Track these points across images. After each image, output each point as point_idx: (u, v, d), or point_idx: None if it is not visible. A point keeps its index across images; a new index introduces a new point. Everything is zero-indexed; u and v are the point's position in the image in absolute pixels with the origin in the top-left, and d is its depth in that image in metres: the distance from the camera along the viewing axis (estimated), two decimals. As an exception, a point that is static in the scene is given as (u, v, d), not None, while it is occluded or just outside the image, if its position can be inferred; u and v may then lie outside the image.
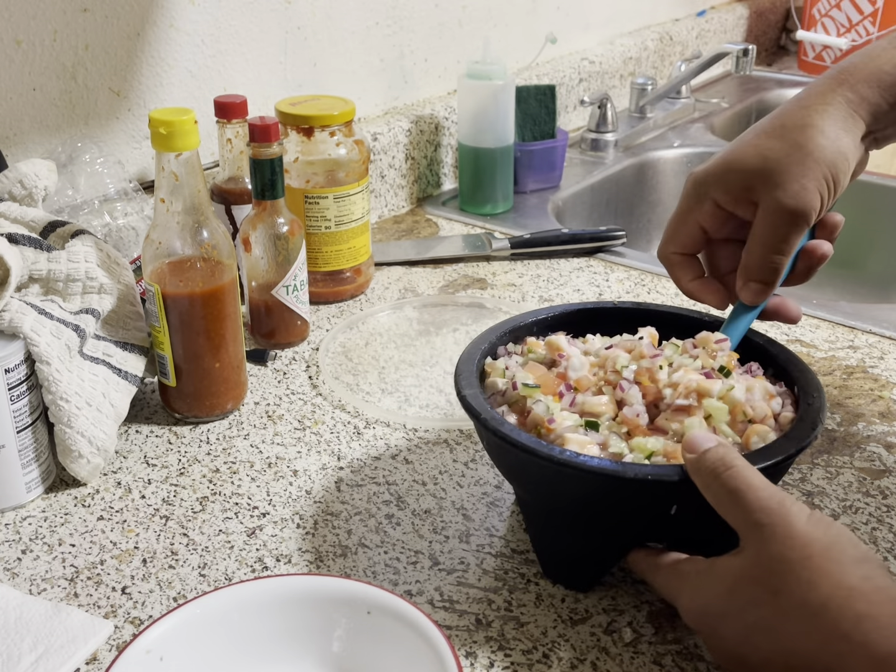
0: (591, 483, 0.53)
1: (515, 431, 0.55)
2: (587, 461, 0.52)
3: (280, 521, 0.66)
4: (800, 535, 0.47)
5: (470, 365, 0.62)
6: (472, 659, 0.54)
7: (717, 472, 0.49)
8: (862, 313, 0.93)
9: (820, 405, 0.57)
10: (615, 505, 0.54)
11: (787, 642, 0.46)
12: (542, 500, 0.58)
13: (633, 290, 0.99)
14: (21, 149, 0.87)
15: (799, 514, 0.47)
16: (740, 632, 0.48)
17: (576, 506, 0.56)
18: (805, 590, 0.45)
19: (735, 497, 0.49)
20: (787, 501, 0.48)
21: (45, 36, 0.86)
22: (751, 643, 0.48)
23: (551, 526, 0.59)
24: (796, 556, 0.46)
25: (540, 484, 0.57)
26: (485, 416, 0.57)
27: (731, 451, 0.51)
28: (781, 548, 0.47)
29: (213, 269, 0.72)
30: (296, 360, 0.86)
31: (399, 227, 1.15)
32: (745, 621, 0.48)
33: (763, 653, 0.47)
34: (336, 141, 0.93)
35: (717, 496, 0.50)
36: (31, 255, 0.69)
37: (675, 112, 1.51)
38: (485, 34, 1.30)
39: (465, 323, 0.93)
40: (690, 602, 0.51)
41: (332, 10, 1.10)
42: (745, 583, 0.48)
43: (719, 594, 0.49)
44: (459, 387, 0.60)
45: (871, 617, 0.44)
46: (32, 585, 0.60)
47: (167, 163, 0.69)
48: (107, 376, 0.71)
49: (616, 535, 0.57)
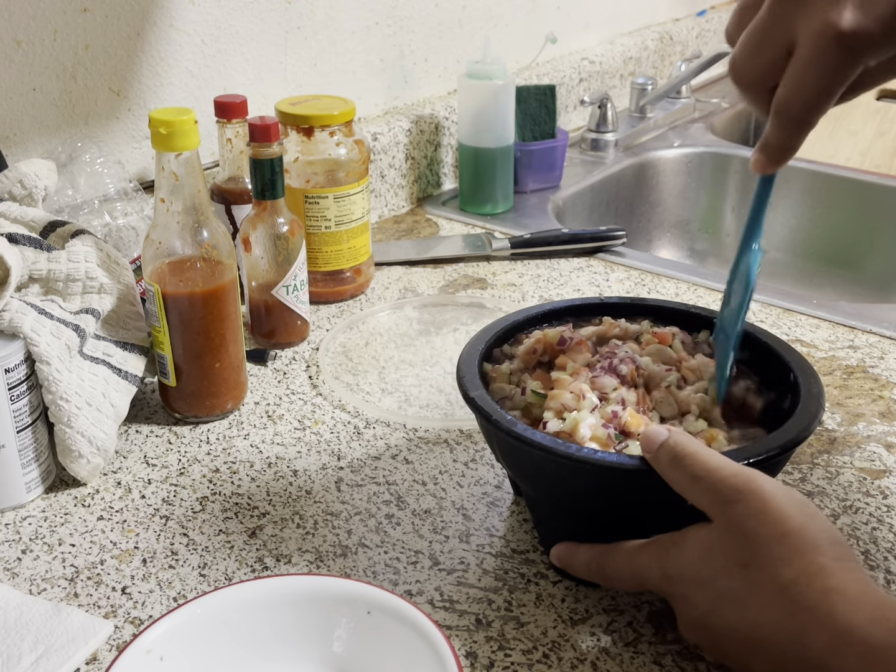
0: (610, 478, 0.54)
1: (529, 431, 0.55)
2: (605, 457, 0.53)
3: (280, 521, 0.66)
4: (774, 511, 0.48)
5: (471, 367, 0.62)
6: (472, 659, 0.54)
7: (675, 463, 0.51)
8: (862, 313, 0.93)
9: (819, 391, 0.59)
10: (635, 499, 0.55)
11: (754, 613, 0.47)
12: (558, 499, 0.58)
13: (634, 289, 0.99)
14: (21, 149, 0.87)
15: (773, 490, 0.49)
16: (711, 599, 0.49)
17: (593, 502, 0.57)
18: (777, 565, 0.47)
19: (699, 482, 0.50)
20: (756, 477, 0.49)
21: (45, 36, 0.86)
22: (719, 612, 0.49)
23: (566, 524, 0.59)
24: (770, 531, 0.47)
25: (556, 482, 0.57)
26: (496, 418, 0.57)
27: (684, 438, 0.52)
28: (755, 523, 0.48)
29: (213, 269, 0.72)
30: (296, 360, 0.86)
31: (399, 226, 1.15)
32: (715, 590, 0.49)
33: (730, 622, 0.48)
34: (336, 141, 0.93)
35: (681, 485, 0.51)
36: (31, 254, 0.69)
37: (676, 112, 1.51)
38: (485, 34, 1.30)
39: (465, 323, 0.93)
40: (667, 568, 0.51)
41: (332, 10, 1.10)
42: (716, 553, 0.49)
43: (691, 562, 0.50)
44: (465, 389, 0.60)
45: (838, 591, 0.45)
46: (32, 585, 0.60)
47: (167, 163, 0.69)
48: (107, 376, 0.71)
49: (633, 529, 0.57)
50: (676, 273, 1.03)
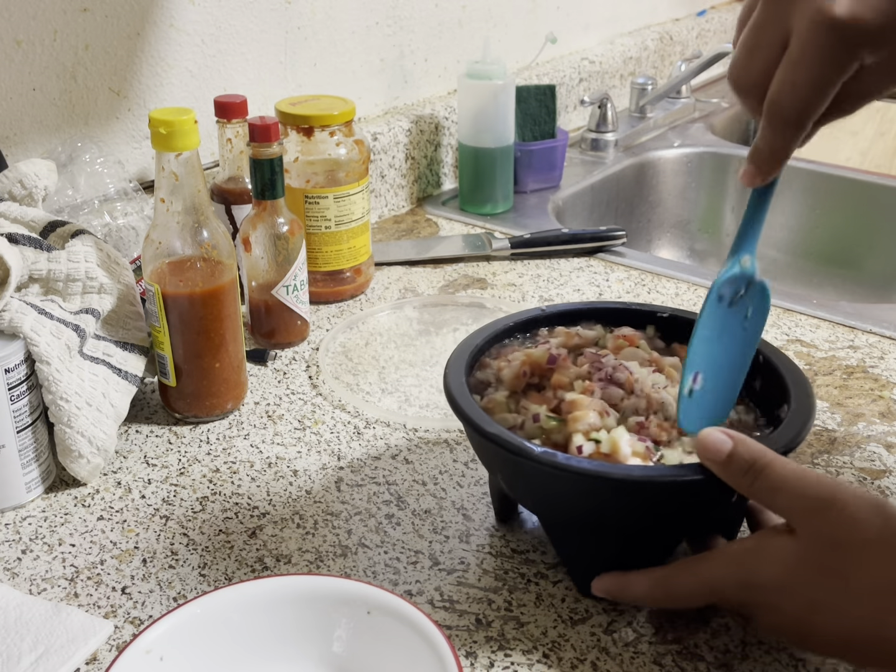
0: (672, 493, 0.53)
1: (574, 459, 0.53)
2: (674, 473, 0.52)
3: (280, 521, 0.66)
4: (854, 517, 0.47)
5: (466, 400, 0.58)
6: (472, 659, 0.54)
7: (754, 473, 0.49)
8: (862, 313, 0.93)
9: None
10: (684, 511, 0.55)
11: (853, 618, 0.46)
12: (601, 524, 0.56)
13: (633, 289, 0.99)
14: (21, 149, 0.87)
15: (859, 497, 0.47)
16: (802, 606, 0.48)
17: (644, 520, 0.55)
18: (873, 568, 0.46)
19: (779, 492, 0.49)
20: (840, 485, 0.48)
21: (45, 36, 0.86)
22: (812, 618, 0.48)
23: (606, 550, 0.57)
24: (861, 537, 0.46)
25: (607, 507, 0.54)
26: (529, 451, 0.53)
27: (753, 445, 0.50)
28: (845, 531, 0.47)
29: (213, 269, 0.72)
30: (296, 360, 0.86)
31: (399, 226, 1.15)
32: (806, 597, 0.48)
33: (826, 627, 0.48)
34: (336, 141, 0.93)
35: (760, 495, 0.50)
36: (31, 254, 0.69)
37: (676, 112, 1.51)
38: (485, 34, 1.30)
39: (465, 323, 0.93)
40: (746, 577, 0.50)
41: (332, 10, 1.10)
42: (805, 562, 0.48)
43: (776, 571, 0.49)
44: (479, 425, 0.56)
45: None
46: (32, 585, 0.60)
47: (167, 163, 0.69)
48: (107, 376, 0.71)
49: (673, 540, 0.57)
50: (676, 273, 1.03)
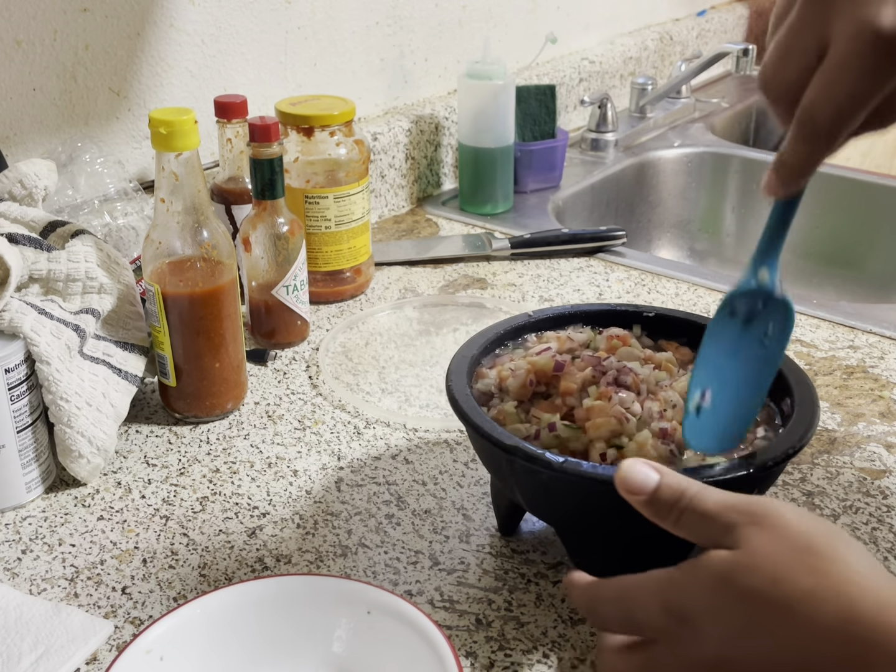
0: None
1: (610, 469, 0.51)
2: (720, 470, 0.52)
3: (280, 521, 0.66)
4: (796, 526, 0.43)
5: (477, 415, 0.57)
6: (472, 659, 0.54)
7: (680, 507, 0.46)
8: (862, 313, 0.93)
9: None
10: None
11: (791, 632, 0.42)
12: (626, 531, 0.55)
13: (633, 289, 0.99)
14: (21, 149, 0.87)
15: (789, 510, 0.44)
16: (727, 631, 0.43)
17: None
18: (814, 576, 0.42)
19: (710, 519, 0.45)
20: (767, 501, 0.45)
21: (45, 36, 0.86)
22: (736, 643, 0.42)
23: (616, 548, 0.56)
24: (800, 544, 0.43)
25: (607, 509, 0.53)
26: (562, 464, 0.52)
27: (679, 479, 0.46)
28: (781, 538, 0.43)
29: (213, 269, 0.72)
30: (296, 360, 0.86)
31: (399, 226, 1.15)
32: (735, 618, 0.42)
33: (750, 654, 0.42)
34: (336, 141, 0.93)
35: (689, 527, 0.46)
36: (31, 255, 0.69)
37: (676, 112, 1.51)
38: (485, 34, 1.30)
39: (465, 323, 0.93)
40: (672, 601, 0.44)
41: (332, 10, 1.10)
42: (739, 574, 0.43)
43: (705, 590, 0.43)
44: (503, 441, 0.54)
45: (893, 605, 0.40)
46: (32, 585, 0.60)
47: (167, 163, 0.69)
48: (107, 376, 0.71)
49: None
50: (676, 273, 1.03)
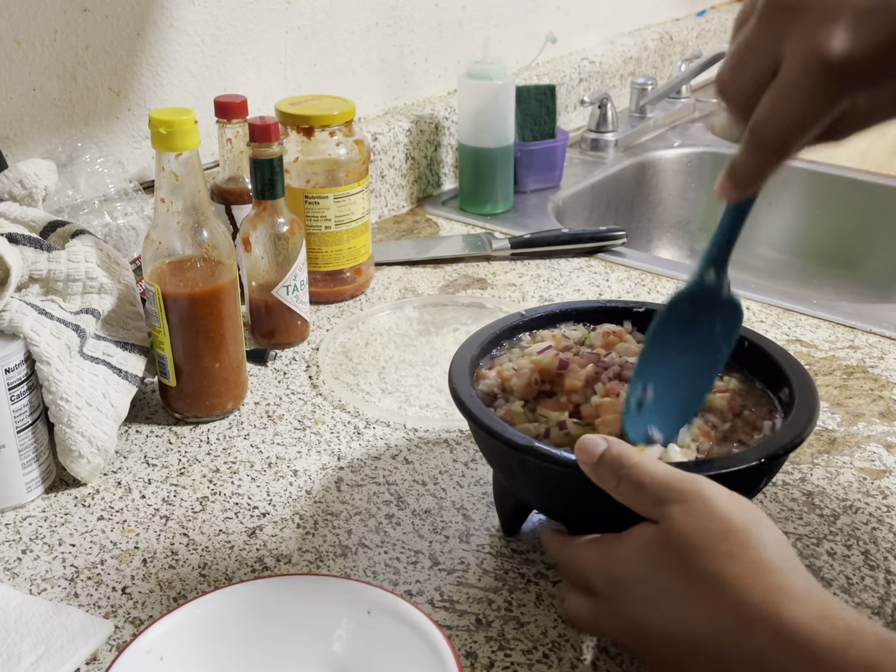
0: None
1: None
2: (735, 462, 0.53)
3: (280, 521, 0.66)
4: (718, 510, 0.47)
5: (486, 416, 0.57)
6: (472, 659, 0.54)
7: (619, 473, 0.50)
8: (862, 313, 0.93)
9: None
10: None
11: (693, 610, 0.46)
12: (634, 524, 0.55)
13: (633, 289, 0.99)
14: (21, 149, 0.87)
15: (718, 492, 0.48)
16: (645, 596, 0.48)
17: None
18: (721, 560, 0.46)
19: (644, 488, 0.49)
20: (701, 481, 0.49)
21: (45, 36, 0.86)
22: (653, 609, 0.48)
23: None
24: (714, 527, 0.47)
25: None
26: (553, 454, 0.53)
27: (625, 448, 0.51)
28: (698, 520, 0.47)
29: (213, 269, 0.72)
30: (296, 360, 0.86)
31: (399, 226, 1.15)
32: (651, 586, 0.48)
33: (664, 621, 0.47)
34: (336, 141, 0.93)
35: (624, 494, 0.50)
36: (31, 255, 0.69)
37: (676, 112, 1.51)
38: (485, 34, 1.30)
39: (465, 323, 0.93)
40: (606, 564, 0.51)
41: (332, 10, 1.10)
42: (656, 548, 0.48)
43: (630, 557, 0.49)
44: (515, 441, 0.55)
45: (784, 589, 0.44)
46: (32, 585, 0.60)
47: (167, 163, 0.69)
48: (107, 376, 0.71)
49: None
50: (676, 273, 1.03)
